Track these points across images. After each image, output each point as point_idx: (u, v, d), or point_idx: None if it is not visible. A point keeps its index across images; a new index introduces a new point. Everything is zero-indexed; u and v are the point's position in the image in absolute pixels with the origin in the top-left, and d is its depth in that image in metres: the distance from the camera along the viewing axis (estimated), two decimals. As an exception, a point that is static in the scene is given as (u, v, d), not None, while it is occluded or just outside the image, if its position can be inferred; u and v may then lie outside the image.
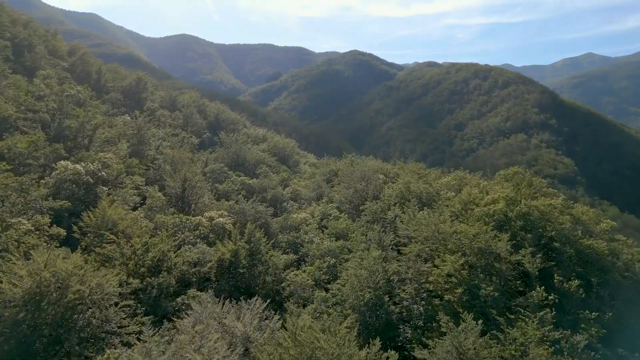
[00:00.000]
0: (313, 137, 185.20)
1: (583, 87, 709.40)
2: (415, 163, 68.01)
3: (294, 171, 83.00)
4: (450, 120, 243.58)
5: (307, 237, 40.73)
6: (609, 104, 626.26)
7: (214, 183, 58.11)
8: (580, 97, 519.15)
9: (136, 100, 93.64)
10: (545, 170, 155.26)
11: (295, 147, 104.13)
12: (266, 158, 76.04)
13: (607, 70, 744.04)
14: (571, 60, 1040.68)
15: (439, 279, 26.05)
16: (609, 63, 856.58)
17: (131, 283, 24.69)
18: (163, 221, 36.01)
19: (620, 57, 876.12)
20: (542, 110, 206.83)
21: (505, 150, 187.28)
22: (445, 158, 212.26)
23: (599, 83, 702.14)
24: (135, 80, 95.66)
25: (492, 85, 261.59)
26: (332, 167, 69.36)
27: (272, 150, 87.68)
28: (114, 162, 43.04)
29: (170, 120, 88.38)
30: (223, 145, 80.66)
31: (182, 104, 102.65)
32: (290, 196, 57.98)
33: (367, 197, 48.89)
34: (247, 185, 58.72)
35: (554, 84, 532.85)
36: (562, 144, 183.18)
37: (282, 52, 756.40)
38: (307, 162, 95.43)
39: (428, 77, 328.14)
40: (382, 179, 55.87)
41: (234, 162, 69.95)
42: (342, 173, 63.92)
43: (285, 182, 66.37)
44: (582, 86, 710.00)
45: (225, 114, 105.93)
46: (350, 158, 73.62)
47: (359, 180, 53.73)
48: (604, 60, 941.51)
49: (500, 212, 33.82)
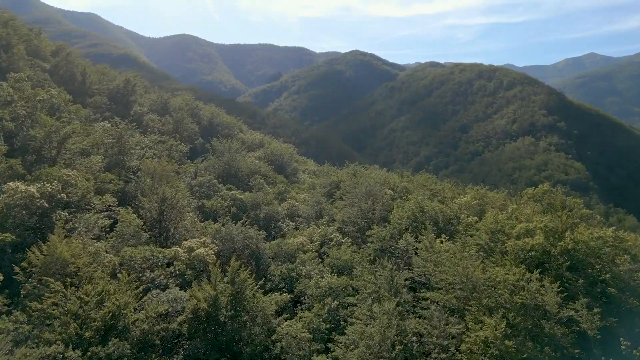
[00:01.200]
0: (313, 140, 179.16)
1: (586, 87, 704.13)
2: (425, 175, 61.82)
3: (292, 181, 76.88)
4: (455, 122, 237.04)
5: (304, 269, 34.60)
6: (613, 104, 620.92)
7: (201, 199, 52.03)
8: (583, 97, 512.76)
9: (124, 104, 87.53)
10: (556, 175, 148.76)
11: (294, 153, 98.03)
12: (262, 167, 69.94)
13: (610, 71, 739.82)
14: (573, 61, 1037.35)
15: (474, 347, 19.92)
16: (611, 63, 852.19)
17: (68, 358, 18.51)
18: (131, 256, 29.89)
19: (623, 57, 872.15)
20: (549, 112, 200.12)
21: (512, 153, 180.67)
22: (450, 161, 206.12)
23: (603, 83, 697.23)
24: (123, 82, 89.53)
25: (497, 86, 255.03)
26: (333, 178, 63.26)
27: (268, 157, 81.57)
28: (79, 179, 36.91)
29: (159, 125, 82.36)
30: (215, 152, 74.63)
31: (175, 107, 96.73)
32: (286, 213, 51.86)
33: (373, 219, 42.73)
34: (238, 201, 52.65)
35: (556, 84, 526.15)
36: (571, 148, 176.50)
37: (282, 52, 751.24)
38: (306, 169, 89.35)
39: (431, 78, 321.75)
40: (389, 194, 49.73)
41: (226, 173, 63.88)
42: (345, 185, 57.94)
43: (282, 195, 60.26)
44: (585, 86, 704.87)
45: (220, 117, 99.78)
46: (353, 168, 67.53)
47: (363, 196, 47.62)
48: (607, 60, 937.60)
49: (539, 248, 27.64)
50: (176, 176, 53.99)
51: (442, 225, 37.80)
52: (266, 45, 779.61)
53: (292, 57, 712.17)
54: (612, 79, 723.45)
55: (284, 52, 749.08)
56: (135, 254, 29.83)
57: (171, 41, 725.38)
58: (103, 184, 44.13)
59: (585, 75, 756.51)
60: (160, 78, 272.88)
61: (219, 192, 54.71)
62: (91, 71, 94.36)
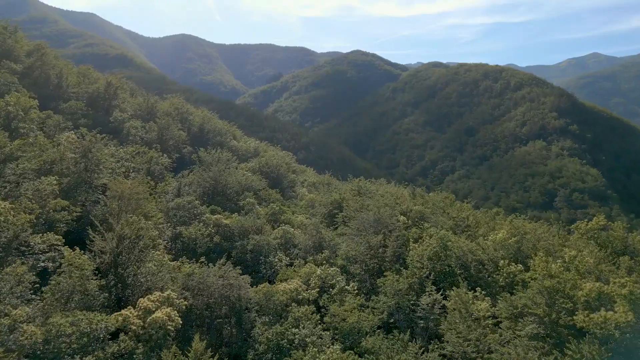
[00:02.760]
0: (314, 146, 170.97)
1: (590, 87, 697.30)
2: (442, 194, 53.64)
3: (289, 196, 68.84)
4: (460, 125, 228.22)
5: (297, 335, 26.50)
6: (618, 105, 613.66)
7: (178, 225, 44.00)
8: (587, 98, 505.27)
9: (104, 109, 79.75)
10: (572, 183, 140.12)
11: (291, 162, 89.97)
12: (254, 181, 61.87)
13: (615, 71, 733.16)
14: (576, 61, 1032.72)
15: None
16: (615, 63, 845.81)
17: None
18: (59, 329, 21.83)
19: (627, 57, 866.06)
20: (561, 115, 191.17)
21: (523, 159, 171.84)
22: (456, 166, 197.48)
23: (607, 84, 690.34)
24: (105, 85, 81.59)
25: (504, 87, 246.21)
26: (334, 195, 55.15)
27: (263, 168, 73.50)
28: (11, 213, 28.91)
29: (142, 133, 74.40)
30: (202, 164, 66.62)
31: (162, 112, 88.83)
32: (280, 242, 43.76)
33: (385, 257, 34.65)
34: (223, 228, 44.59)
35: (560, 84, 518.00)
36: (585, 153, 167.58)
37: (283, 52, 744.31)
38: (305, 180, 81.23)
39: (435, 78, 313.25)
40: (402, 221, 41.64)
41: (212, 190, 55.84)
42: (348, 206, 49.91)
43: (276, 215, 52.19)
44: (589, 87, 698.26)
45: (212, 123, 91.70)
46: (357, 184, 59.40)
47: (371, 225, 39.55)
48: (610, 60, 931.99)
49: (627, 326, 19.51)
50: (151, 197, 45.98)
51: (474, 272, 29.65)
52: (267, 45, 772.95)
53: (293, 57, 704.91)
54: (617, 79, 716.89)
55: (285, 52, 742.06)
56: (64, 327, 21.75)
57: (171, 41, 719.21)
58: (54, 212, 36.22)
59: (589, 76, 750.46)
60: (157, 79, 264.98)
61: (201, 215, 46.66)
62: (70, 73, 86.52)
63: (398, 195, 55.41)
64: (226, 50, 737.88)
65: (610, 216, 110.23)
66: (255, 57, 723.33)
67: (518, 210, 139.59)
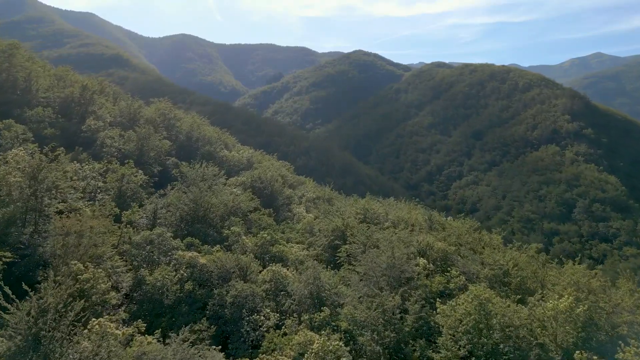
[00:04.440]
0: (314, 151, 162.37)
1: (594, 88, 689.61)
2: (465, 221, 44.99)
3: (284, 216, 60.32)
4: (467, 128, 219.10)
5: None
6: (622, 105, 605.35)
7: (141, 267, 35.52)
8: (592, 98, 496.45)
9: (79, 116, 71.48)
10: (591, 192, 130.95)
11: (289, 173, 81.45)
12: (243, 202, 53.32)
13: (618, 71, 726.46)
14: (579, 60, 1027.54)
15: None
16: (618, 63, 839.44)
17: None
18: None
19: (630, 57, 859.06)
20: (574, 118, 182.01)
21: (535, 164, 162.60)
22: (463, 172, 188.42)
23: (611, 84, 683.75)
24: (80, 89, 73.17)
25: (512, 88, 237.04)
26: (337, 222, 46.54)
27: (255, 183, 64.95)
28: None
29: (119, 143, 66.04)
30: (185, 181, 58.21)
31: (146, 118, 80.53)
32: (268, 288, 35.22)
33: (403, 327, 26.09)
34: (198, 270, 36.09)
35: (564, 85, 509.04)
36: (601, 158, 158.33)
37: (284, 52, 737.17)
38: (303, 196, 72.58)
39: (439, 79, 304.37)
40: (422, 264, 33.14)
41: (192, 215, 47.31)
42: (353, 238, 41.50)
43: (266, 247, 43.64)
44: (593, 87, 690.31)
45: (201, 130, 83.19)
46: (363, 206, 50.83)
47: (384, 274, 31.09)
48: (613, 60, 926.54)
49: None
50: (116, 228, 37.47)
51: (533, 362, 21.02)
52: (267, 45, 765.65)
53: (294, 58, 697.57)
54: (621, 80, 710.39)
55: (286, 52, 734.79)
56: None
57: (171, 41, 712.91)
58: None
59: (593, 76, 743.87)
60: (152, 80, 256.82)
61: (173, 251, 38.14)
62: (44, 75, 78.21)
63: (412, 221, 46.92)
64: (226, 50, 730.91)
65: (634, 230, 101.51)
66: (256, 57, 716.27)
67: (533, 221, 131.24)
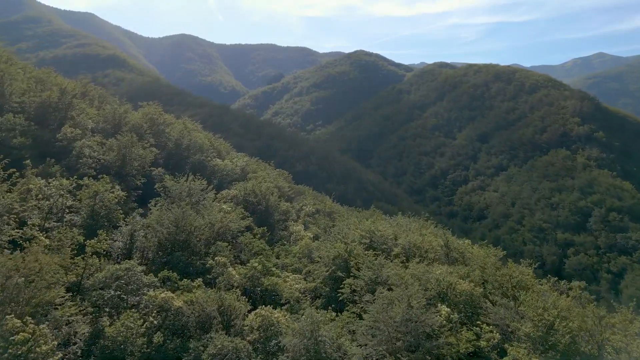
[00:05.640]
0: (314, 155, 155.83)
1: (598, 88, 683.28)
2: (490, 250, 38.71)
3: (279, 236, 54.12)
4: (472, 130, 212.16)
5: None
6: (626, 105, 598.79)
7: (104, 310, 29.40)
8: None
9: (57, 122, 65.49)
10: (607, 201, 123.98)
11: (286, 184, 75.15)
12: (232, 221, 47.15)
13: (621, 71, 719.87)
14: (582, 60, 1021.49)
15: None
16: (620, 63, 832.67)
17: None
18: None
19: (633, 57, 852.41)
20: (584, 121, 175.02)
21: (546, 169, 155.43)
22: (469, 176, 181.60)
23: (614, 84, 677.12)
24: (58, 92, 67.03)
25: (518, 89, 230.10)
26: (339, 247, 40.30)
27: (248, 197, 58.81)
28: None
29: (99, 153, 59.99)
30: (169, 197, 52.14)
31: (133, 123, 74.50)
32: (257, 338, 29.04)
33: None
34: (172, 316, 29.93)
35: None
36: (614, 163, 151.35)
37: (284, 52, 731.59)
38: (301, 209, 66.31)
39: (442, 80, 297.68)
40: (444, 313, 26.90)
41: (172, 240, 41.12)
42: (358, 271, 35.39)
43: (256, 279, 37.47)
44: (596, 87, 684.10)
45: (192, 136, 76.85)
46: (369, 228, 44.53)
47: (398, 331, 24.87)
48: (615, 60, 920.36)
49: None
50: (67, 269, 31.29)
51: None
52: (268, 45, 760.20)
53: (295, 58, 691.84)
54: (624, 80, 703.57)
55: (287, 52, 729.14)
56: None
57: (170, 41, 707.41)
58: None
59: (596, 76, 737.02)
60: (149, 81, 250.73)
61: (144, 289, 31.99)
62: (22, 78, 72.14)
63: (426, 246, 40.66)
64: (227, 50, 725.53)
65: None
66: (256, 57, 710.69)
67: (546, 231, 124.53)
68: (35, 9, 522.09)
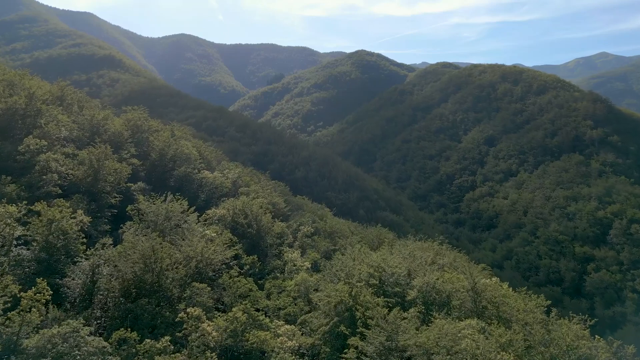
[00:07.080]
0: (315, 161, 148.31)
1: (602, 88, 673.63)
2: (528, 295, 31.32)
3: (271, 266, 46.68)
4: (478, 133, 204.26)
5: None
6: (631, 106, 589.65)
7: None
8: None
9: (24, 131, 58.40)
10: (628, 211, 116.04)
11: (281, 200, 67.53)
12: (215, 254, 39.70)
13: (626, 71, 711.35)
14: (585, 60, 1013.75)
15: None
16: (623, 62, 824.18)
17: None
18: None
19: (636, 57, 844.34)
20: (597, 124, 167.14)
21: (559, 176, 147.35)
22: (477, 182, 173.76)
23: (619, 84, 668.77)
24: (26, 98, 59.76)
25: (526, 90, 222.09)
26: (342, 290, 32.91)
27: (237, 218, 51.40)
28: None
29: (68, 168, 52.78)
30: (143, 221, 44.83)
31: (113, 131, 67.38)
32: None
33: None
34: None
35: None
36: (631, 169, 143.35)
37: (285, 52, 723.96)
38: (298, 229, 58.76)
39: (446, 80, 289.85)
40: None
41: (138, 283, 33.78)
42: (367, 340, 28.02)
43: (239, 335, 30.08)
44: (600, 88, 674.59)
45: (178, 145, 69.38)
46: (379, 264, 37.10)
47: None
48: (619, 59, 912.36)
49: None
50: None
51: None
52: (269, 45, 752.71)
53: (296, 58, 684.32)
54: (628, 80, 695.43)
55: (287, 52, 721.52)
56: None
57: (170, 41, 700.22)
58: None
59: (600, 76, 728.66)
60: (144, 81, 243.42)
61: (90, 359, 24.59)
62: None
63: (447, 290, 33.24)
64: (227, 50, 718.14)
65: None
66: (257, 57, 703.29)
67: (562, 244, 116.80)
68: (32, 9, 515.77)
